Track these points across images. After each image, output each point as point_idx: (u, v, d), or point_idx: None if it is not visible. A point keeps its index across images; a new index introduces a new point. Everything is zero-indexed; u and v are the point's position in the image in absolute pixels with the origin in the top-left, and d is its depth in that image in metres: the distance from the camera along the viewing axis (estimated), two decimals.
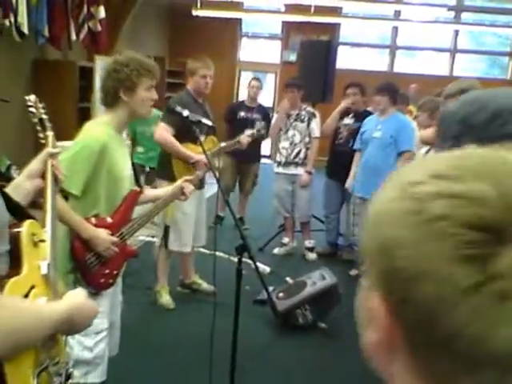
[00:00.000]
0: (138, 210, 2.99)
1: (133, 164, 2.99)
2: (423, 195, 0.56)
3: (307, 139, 6.14)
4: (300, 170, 6.17)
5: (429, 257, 0.53)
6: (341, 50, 9.76)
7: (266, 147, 7.39)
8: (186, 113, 3.21)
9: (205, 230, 4.94)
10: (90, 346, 2.69)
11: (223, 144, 4.82)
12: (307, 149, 6.15)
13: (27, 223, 1.40)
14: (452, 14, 13.06)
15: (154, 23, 12.52)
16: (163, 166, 4.56)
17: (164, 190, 3.26)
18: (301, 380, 3.79)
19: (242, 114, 7.12)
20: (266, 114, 7.05)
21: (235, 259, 2.82)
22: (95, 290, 2.70)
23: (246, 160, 6.88)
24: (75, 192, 2.57)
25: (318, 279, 4.63)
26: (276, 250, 6.41)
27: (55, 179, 1.79)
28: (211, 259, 3.33)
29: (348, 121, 6.18)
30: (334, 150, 6.35)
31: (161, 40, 12.98)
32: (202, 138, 4.13)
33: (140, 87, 2.73)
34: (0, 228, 1.25)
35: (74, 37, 7.51)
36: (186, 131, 4.19)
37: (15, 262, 1.31)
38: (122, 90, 2.72)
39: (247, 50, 14.23)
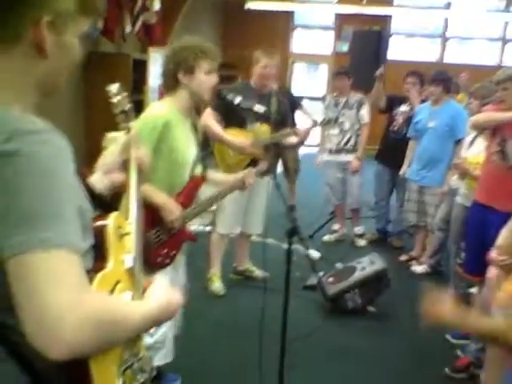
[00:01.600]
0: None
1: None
2: None
3: (357, 126, 6.15)
4: (350, 157, 6.18)
5: None
6: (392, 40, 9.70)
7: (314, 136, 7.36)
8: (237, 100, 3.24)
9: (261, 218, 4.90)
10: (151, 332, 2.73)
11: (276, 134, 4.85)
12: (357, 135, 6.16)
13: (113, 216, 1.34)
14: (503, 4, 12.81)
15: (207, 16, 12.63)
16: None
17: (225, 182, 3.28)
18: (350, 363, 3.82)
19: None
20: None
21: (285, 246, 2.84)
22: (151, 269, 2.74)
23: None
24: None
25: (368, 264, 4.65)
26: (326, 237, 6.46)
27: (139, 171, 1.73)
28: (262, 246, 3.38)
29: (404, 108, 6.15)
30: (387, 137, 6.33)
31: (214, 33, 13.09)
32: (255, 126, 4.18)
33: (198, 70, 2.79)
34: (87, 222, 1.20)
35: (128, 29, 7.62)
36: (234, 117, 4.26)
37: (100, 256, 1.25)
38: (180, 73, 2.78)
39: (300, 42, 14.21)
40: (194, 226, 5.78)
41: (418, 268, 5.56)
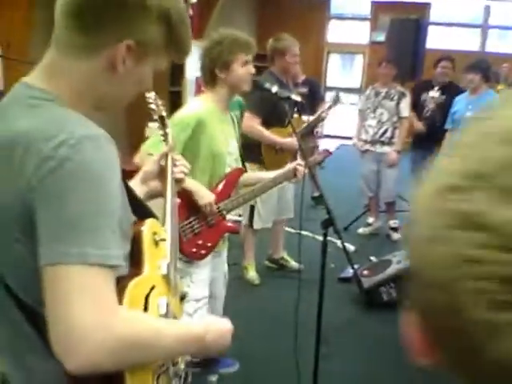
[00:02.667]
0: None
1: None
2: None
3: (395, 118, 6.04)
4: (386, 149, 6.10)
5: None
6: (431, 29, 9.54)
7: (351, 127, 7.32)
8: (274, 89, 3.23)
9: (291, 202, 4.94)
10: (190, 313, 2.76)
11: (307, 122, 4.83)
12: (394, 128, 6.07)
13: (149, 222, 1.34)
14: None
15: (243, 8, 12.60)
16: (251, 149, 4.40)
17: (268, 173, 3.28)
18: (385, 355, 3.80)
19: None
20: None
21: (320, 238, 2.84)
22: (187, 259, 2.79)
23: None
24: None
25: (404, 258, 4.61)
26: (361, 230, 6.42)
27: (176, 180, 1.76)
28: (297, 238, 3.38)
29: (433, 93, 6.04)
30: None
31: (249, 24, 13.06)
32: (293, 116, 4.15)
33: (234, 63, 2.79)
34: (127, 230, 1.20)
35: None
36: (274, 113, 4.23)
37: (136, 262, 1.24)
38: (217, 68, 2.80)
39: (335, 32, 14.09)
40: (229, 216, 5.80)
41: None
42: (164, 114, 1.89)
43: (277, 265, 5.23)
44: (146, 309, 1.20)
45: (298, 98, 3.81)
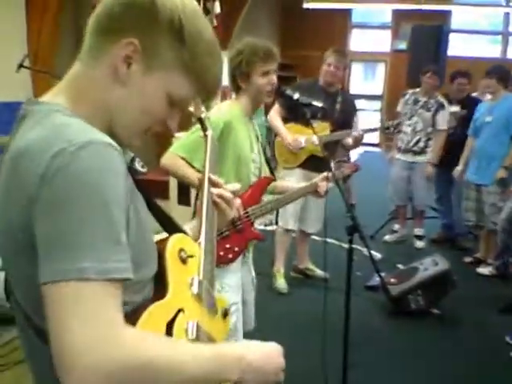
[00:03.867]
0: None
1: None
2: None
3: (430, 129, 5.97)
4: (417, 158, 6.05)
5: None
6: (452, 37, 9.51)
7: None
8: (296, 96, 3.25)
9: (319, 217, 4.91)
10: None
11: (335, 133, 4.84)
12: (428, 139, 6.00)
13: (173, 239, 1.23)
14: None
15: (266, 18, 12.67)
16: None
17: (294, 184, 3.33)
18: (412, 364, 3.79)
19: None
20: None
21: (346, 245, 2.81)
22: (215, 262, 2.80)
23: None
24: (196, 165, 2.64)
25: (431, 265, 4.58)
26: (387, 237, 6.39)
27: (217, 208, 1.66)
28: (323, 246, 3.38)
29: (454, 108, 6.02)
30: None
31: (272, 34, 13.13)
32: (316, 123, 4.18)
33: (253, 73, 2.79)
34: (146, 248, 1.12)
35: None
36: (298, 113, 4.28)
37: (159, 284, 1.14)
38: (237, 77, 2.83)
39: (357, 41, 14.12)
40: (256, 224, 5.83)
41: (484, 270, 5.42)
42: (203, 115, 1.80)
43: (302, 275, 5.25)
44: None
45: (320, 104, 3.84)
